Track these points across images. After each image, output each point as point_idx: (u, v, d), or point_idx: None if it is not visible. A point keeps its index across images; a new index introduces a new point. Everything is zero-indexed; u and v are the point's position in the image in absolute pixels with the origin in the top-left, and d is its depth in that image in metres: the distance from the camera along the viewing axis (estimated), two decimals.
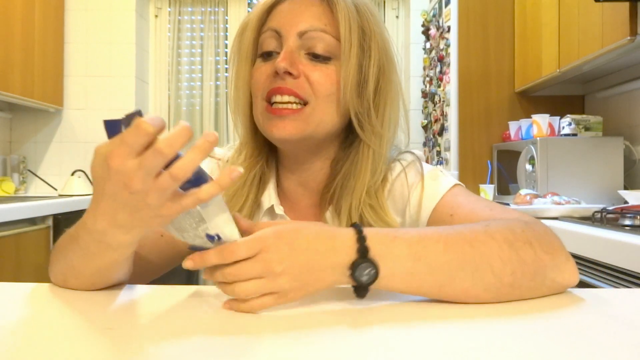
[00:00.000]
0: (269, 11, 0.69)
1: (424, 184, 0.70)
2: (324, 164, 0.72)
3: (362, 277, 0.48)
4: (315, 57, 0.65)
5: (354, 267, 0.48)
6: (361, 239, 0.49)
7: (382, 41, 0.69)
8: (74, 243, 0.53)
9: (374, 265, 0.48)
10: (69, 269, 0.55)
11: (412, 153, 0.76)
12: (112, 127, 0.42)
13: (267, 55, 0.67)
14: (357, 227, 0.50)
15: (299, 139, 0.65)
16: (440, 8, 2.60)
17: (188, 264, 0.48)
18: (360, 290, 0.50)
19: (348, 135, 0.71)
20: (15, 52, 2.45)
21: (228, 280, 0.47)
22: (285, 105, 0.64)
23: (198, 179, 0.43)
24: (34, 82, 2.62)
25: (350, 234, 0.50)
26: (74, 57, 2.97)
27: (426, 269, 0.49)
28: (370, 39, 0.67)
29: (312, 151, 0.70)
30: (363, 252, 0.48)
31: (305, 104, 0.65)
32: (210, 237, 0.48)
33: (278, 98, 0.64)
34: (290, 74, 0.64)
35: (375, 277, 0.48)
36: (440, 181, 0.70)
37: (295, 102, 0.64)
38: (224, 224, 0.47)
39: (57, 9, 2.86)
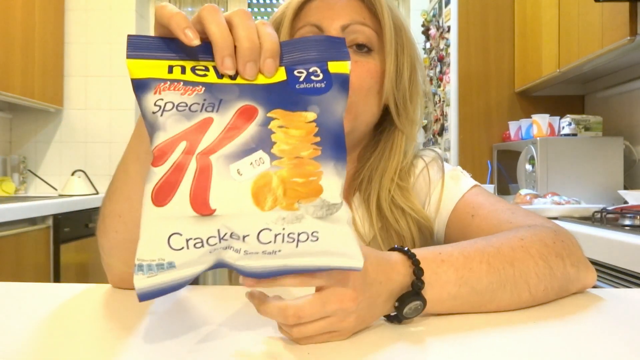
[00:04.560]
0: (300, 9, 0.69)
1: (445, 182, 0.71)
2: (354, 153, 0.74)
3: (409, 311, 0.44)
4: (358, 47, 0.67)
5: (402, 299, 0.44)
6: (418, 271, 0.45)
7: (410, 35, 0.72)
8: (119, 184, 0.52)
9: (423, 300, 0.44)
10: (117, 222, 0.53)
11: (434, 151, 0.78)
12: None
13: None
14: (409, 254, 0.46)
15: (347, 132, 0.66)
16: (440, 8, 2.60)
17: (248, 291, 0.41)
18: (397, 320, 0.46)
19: (380, 123, 0.73)
20: (15, 52, 2.45)
21: (289, 324, 0.40)
22: None
23: None
24: (34, 82, 2.62)
25: (404, 262, 0.46)
26: (74, 57, 2.97)
27: (470, 292, 0.48)
28: (402, 32, 0.70)
29: (351, 145, 0.71)
30: (418, 287, 0.44)
31: None
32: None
33: None
34: None
35: (421, 311, 0.45)
36: (460, 181, 0.71)
37: None
38: None
39: (57, 9, 2.86)
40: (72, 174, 2.78)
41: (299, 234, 0.37)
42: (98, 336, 0.43)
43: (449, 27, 2.43)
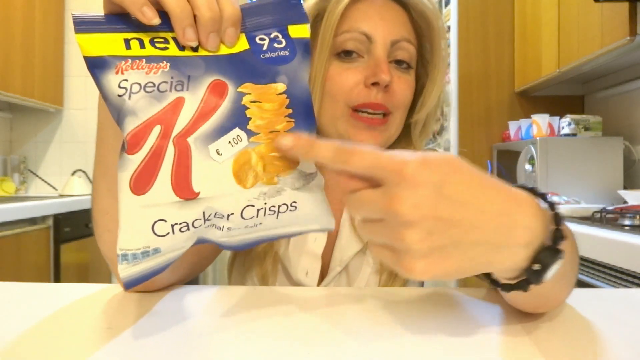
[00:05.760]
0: (346, 8, 0.65)
1: None
2: None
3: (549, 270, 0.33)
4: (397, 62, 0.65)
5: (540, 252, 0.33)
6: (557, 218, 0.34)
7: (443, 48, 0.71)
8: (98, 179, 0.50)
9: (561, 259, 0.33)
10: (106, 220, 0.51)
11: (435, 150, 0.79)
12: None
13: (345, 55, 0.64)
14: (542, 194, 0.36)
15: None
16: (440, 8, 2.60)
17: (285, 141, 0.35)
18: (525, 285, 0.35)
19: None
20: (15, 52, 2.45)
21: (348, 203, 0.34)
22: (374, 116, 0.64)
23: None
24: (34, 82, 2.62)
25: (534, 200, 0.34)
26: (74, 57, 2.97)
27: (570, 268, 0.40)
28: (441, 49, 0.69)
29: None
30: (558, 236, 0.33)
31: (386, 114, 0.65)
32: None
33: (370, 111, 0.63)
34: (386, 86, 0.63)
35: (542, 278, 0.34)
36: None
37: (382, 113, 0.65)
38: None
39: (57, 9, 2.86)
40: (72, 174, 2.78)
41: (279, 206, 0.38)
42: (98, 336, 0.43)
43: (449, 27, 2.43)
